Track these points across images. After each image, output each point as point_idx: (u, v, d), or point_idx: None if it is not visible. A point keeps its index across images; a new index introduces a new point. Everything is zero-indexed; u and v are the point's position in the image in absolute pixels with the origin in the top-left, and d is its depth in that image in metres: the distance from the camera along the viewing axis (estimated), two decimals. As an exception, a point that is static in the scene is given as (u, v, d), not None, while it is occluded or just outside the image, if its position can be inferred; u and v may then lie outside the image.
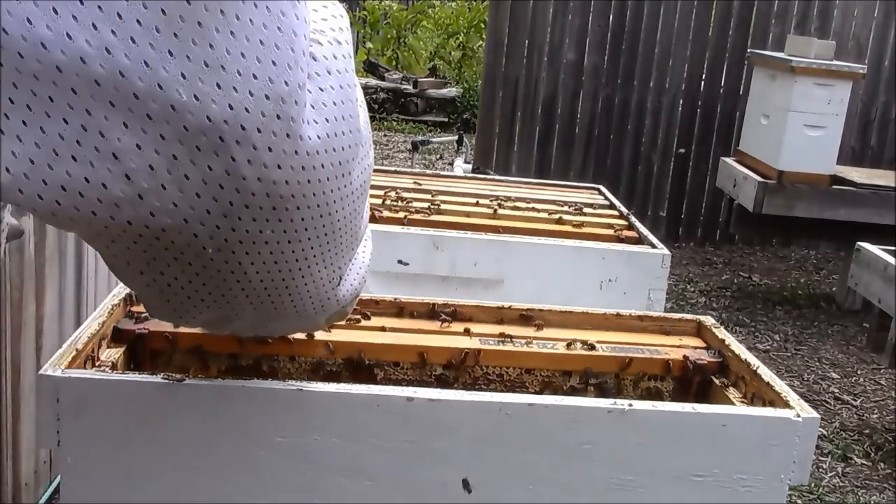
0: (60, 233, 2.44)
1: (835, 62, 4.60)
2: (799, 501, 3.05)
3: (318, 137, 0.63)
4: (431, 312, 1.33)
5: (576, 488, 1.05)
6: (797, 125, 4.55)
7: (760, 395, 1.17)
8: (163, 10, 0.51)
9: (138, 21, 0.50)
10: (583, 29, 5.76)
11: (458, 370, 1.23)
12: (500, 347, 1.25)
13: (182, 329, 1.18)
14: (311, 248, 0.70)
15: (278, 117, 0.58)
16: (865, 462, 3.38)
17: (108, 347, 1.15)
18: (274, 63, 0.56)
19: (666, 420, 1.04)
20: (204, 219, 0.59)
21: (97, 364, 1.10)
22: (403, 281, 1.78)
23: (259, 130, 0.57)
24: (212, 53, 0.53)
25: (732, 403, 1.18)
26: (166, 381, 0.98)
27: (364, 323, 1.28)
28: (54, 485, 2.50)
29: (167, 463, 1.00)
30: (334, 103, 0.65)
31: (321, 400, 1.00)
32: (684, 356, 1.27)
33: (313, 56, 0.64)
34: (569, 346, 1.26)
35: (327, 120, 0.64)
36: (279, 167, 0.60)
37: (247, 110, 0.56)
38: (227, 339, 1.19)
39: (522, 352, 1.24)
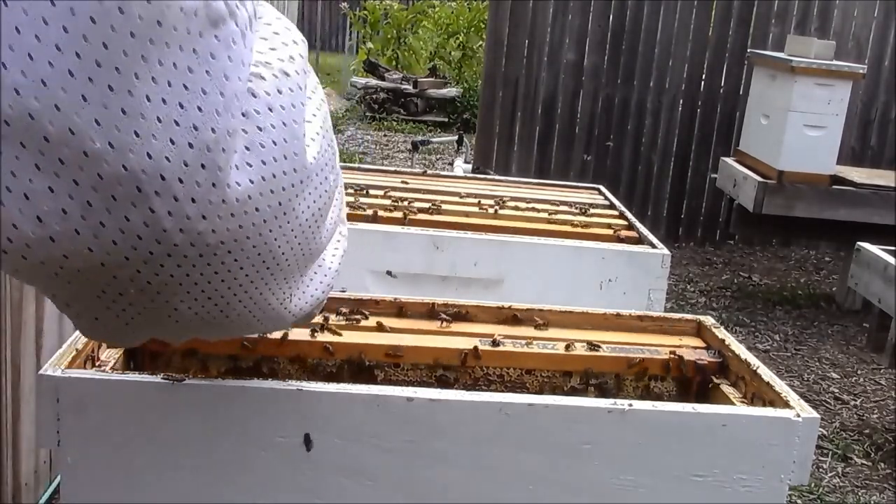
0: (60, 233, 2.43)
1: (835, 62, 4.60)
2: (799, 501, 3.05)
3: (252, 182, 0.60)
4: (431, 312, 1.33)
5: (576, 488, 1.05)
6: (797, 125, 4.55)
7: (760, 395, 1.17)
8: (77, 54, 0.48)
9: (50, 63, 0.48)
10: (583, 29, 5.76)
11: (459, 371, 1.23)
12: (500, 348, 1.24)
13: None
14: (251, 282, 0.69)
15: (203, 166, 0.55)
16: (865, 462, 3.38)
17: (108, 348, 1.15)
18: (200, 109, 0.54)
19: (666, 420, 1.04)
20: (123, 264, 0.57)
21: (97, 364, 1.10)
22: (403, 281, 1.78)
23: (181, 181, 0.54)
24: (130, 100, 0.50)
25: (732, 403, 1.18)
26: (166, 381, 0.98)
27: (364, 323, 1.28)
28: (54, 485, 2.50)
29: (167, 463, 1.00)
30: (274, 142, 0.62)
31: (321, 400, 1.00)
32: (678, 356, 1.27)
33: (253, 93, 0.61)
34: (569, 346, 1.26)
35: (264, 162, 0.61)
36: (204, 217, 0.57)
37: (167, 159, 0.53)
38: (227, 341, 1.19)
39: (523, 352, 1.24)
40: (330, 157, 0.74)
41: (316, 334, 1.22)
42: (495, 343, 1.25)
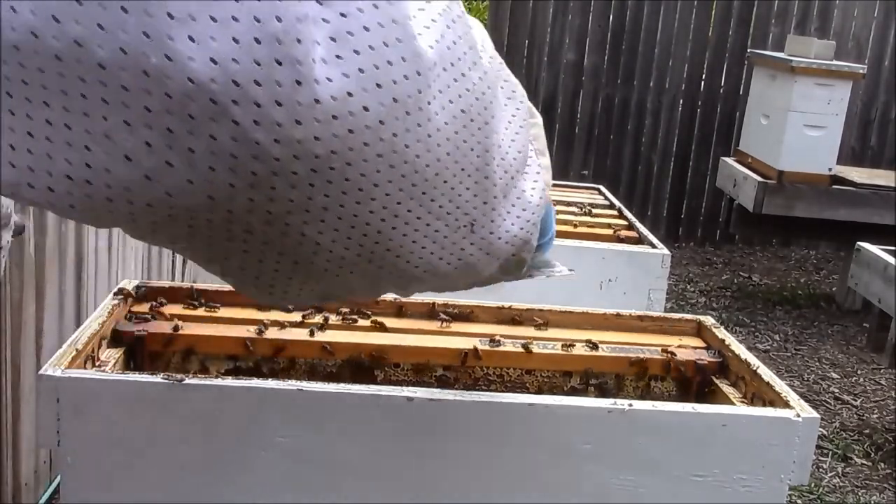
0: (60, 233, 2.44)
1: (835, 62, 4.60)
2: (799, 501, 3.05)
3: (346, 75, 0.50)
4: (431, 312, 1.33)
5: (576, 488, 1.05)
6: (797, 125, 4.55)
7: (760, 395, 1.17)
8: None
9: None
10: (583, 29, 5.76)
11: (459, 371, 1.23)
12: (501, 348, 1.24)
13: (182, 331, 1.19)
14: (398, 203, 0.58)
15: (278, 62, 0.47)
16: (865, 462, 3.38)
17: (108, 348, 1.15)
18: None
19: (666, 420, 1.04)
20: (231, 193, 0.50)
21: (97, 364, 1.10)
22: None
23: (257, 83, 0.47)
24: (173, 3, 0.44)
25: (732, 403, 1.18)
26: (166, 381, 0.98)
27: (363, 323, 1.28)
28: (54, 485, 2.50)
29: (167, 463, 0.99)
30: (366, 28, 0.51)
31: (321, 400, 1.00)
32: (676, 356, 1.27)
33: None
34: (568, 346, 1.26)
35: (357, 52, 0.51)
36: (298, 122, 0.49)
37: (235, 61, 0.46)
38: (227, 341, 1.19)
39: (523, 352, 1.24)
40: (466, 51, 0.61)
41: (316, 334, 1.22)
42: (495, 343, 1.25)
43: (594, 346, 1.27)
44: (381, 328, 1.27)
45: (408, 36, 0.53)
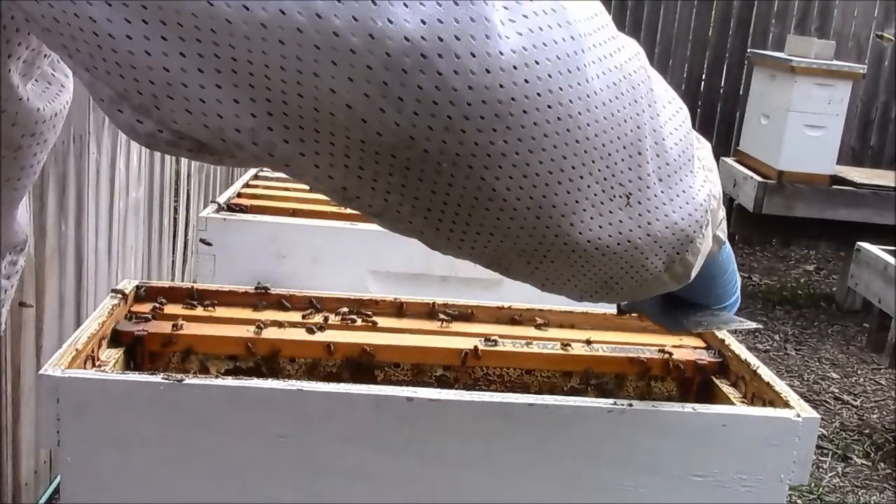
0: (60, 233, 2.44)
1: (835, 62, 4.60)
2: (799, 501, 3.05)
3: (520, 34, 0.60)
4: (431, 312, 1.34)
5: (576, 488, 1.05)
6: (797, 125, 4.55)
7: (760, 395, 1.17)
8: None
9: None
10: (583, 29, 5.75)
11: (459, 371, 1.23)
12: (500, 348, 1.24)
13: (181, 331, 1.19)
14: (563, 157, 0.65)
15: (472, 20, 0.56)
16: (865, 462, 3.39)
17: (108, 348, 1.15)
18: None
19: (666, 420, 1.04)
20: (429, 135, 0.59)
21: (97, 364, 1.10)
22: (403, 281, 1.78)
23: (457, 38, 0.56)
24: None
25: (732, 403, 1.18)
26: (166, 381, 0.98)
27: (362, 322, 1.28)
28: (54, 485, 2.50)
29: (167, 463, 1.00)
30: (535, 13, 0.61)
31: (321, 400, 1.00)
32: (674, 357, 1.27)
33: None
34: (566, 346, 1.26)
35: (525, 16, 0.61)
36: (487, 71, 0.58)
37: (439, 21, 0.55)
38: (227, 341, 1.19)
39: (523, 352, 1.24)
40: (620, 49, 0.71)
41: (315, 334, 1.22)
42: (495, 343, 1.25)
43: (594, 346, 1.27)
44: (381, 329, 1.28)
45: (562, 6, 0.64)
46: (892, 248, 3.44)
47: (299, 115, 0.58)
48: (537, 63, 0.61)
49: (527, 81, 0.60)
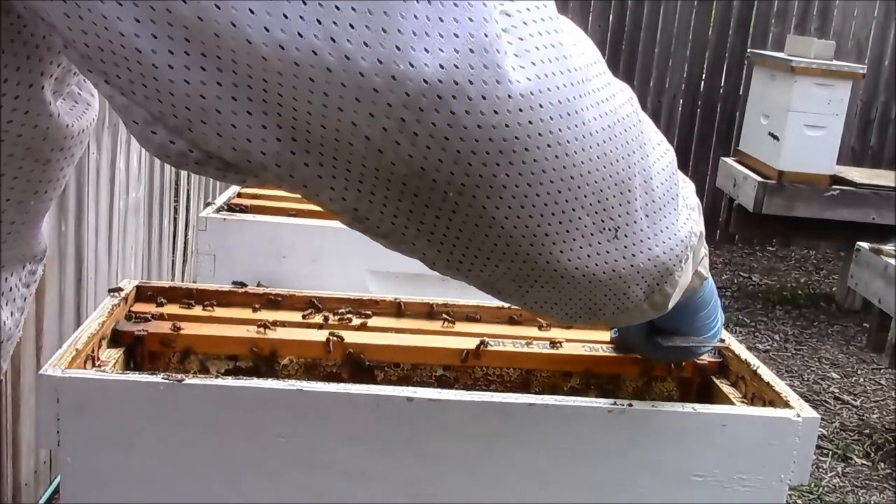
0: (60, 233, 2.44)
1: (835, 62, 4.60)
2: (799, 501, 3.05)
3: (528, 80, 0.67)
4: (431, 312, 1.33)
5: (576, 488, 1.05)
6: (797, 125, 4.55)
7: (760, 395, 1.17)
8: (374, 1, 0.58)
9: (353, 8, 0.58)
10: (583, 29, 5.75)
11: (459, 371, 1.23)
12: (500, 348, 1.24)
13: (181, 331, 1.19)
14: (559, 191, 0.73)
15: (485, 66, 0.63)
16: (865, 462, 3.39)
17: (108, 348, 1.15)
18: (470, 19, 0.62)
19: (666, 420, 1.04)
20: (438, 166, 0.66)
21: (97, 364, 1.10)
22: (403, 281, 1.78)
23: (471, 82, 0.63)
24: (417, 23, 0.60)
25: (732, 403, 1.18)
26: (166, 381, 0.98)
27: (360, 322, 1.28)
28: (54, 485, 2.51)
29: (167, 463, 1.00)
30: (536, 48, 0.69)
31: (321, 400, 1.00)
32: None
33: (505, 12, 0.68)
34: (557, 345, 1.26)
35: (534, 63, 0.68)
36: (496, 112, 0.65)
37: (456, 66, 0.62)
38: (227, 341, 1.19)
39: (523, 352, 1.24)
40: (615, 94, 0.79)
41: (315, 334, 1.22)
42: (495, 343, 1.25)
43: (594, 346, 1.27)
44: (381, 329, 1.28)
45: (567, 55, 0.72)
46: (893, 248, 3.44)
47: (321, 143, 0.63)
48: (541, 106, 0.68)
49: (530, 122, 0.67)
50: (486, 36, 0.63)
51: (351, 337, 1.22)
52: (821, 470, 3.26)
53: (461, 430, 1.02)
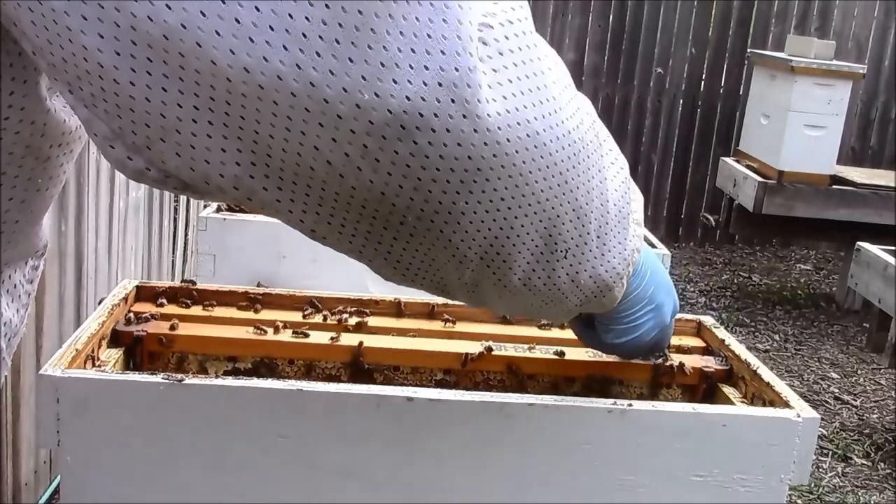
0: (60, 233, 2.44)
1: (835, 62, 4.60)
2: (799, 501, 3.05)
3: (499, 114, 0.68)
4: (431, 313, 1.33)
5: (576, 488, 1.05)
6: (797, 125, 4.55)
7: (760, 395, 1.17)
8: (340, 24, 0.58)
9: (320, 37, 0.58)
10: (583, 29, 5.76)
11: (459, 375, 1.23)
12: (502, 353, 1.24)
13: (181, 332, 1.19)
14: (516, 217, 0.75)
15: (453, 101, 0.64)
16: (865, 462, 3.39)
17: (108, 348, 1.15)
18: (443, 52, 0.62)
19: (666, 420, 1.04)
20: (399, 192, 0.67)
21: (97, 364, 1.10)
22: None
23: (436, 115, 0.63)
24: (386, 54, 0.60)
25: (732, 403, 1.18)
26: (166, 381, 0.98)
27: (361, 323, 1.28)
28: (54, 485, 2.50)
29: (167, 463, 1.00)
30: (510, 80, 0.70)
31: (321, 400, 1.00)
32: (677, 365, 1.27)
33: (483, 41, 0.68)
34: (560, 354, 1.26)
35: (506, 97, 0.69)
36: (459, 144, 0.66)
37: (423, 99, 0.62)
38: (227, 342, 1.19)
39: (525, 357, 1.24)
40: (582, 121, 0.80)
41: (314, 334, 1.22)
42: (496, 347, 1.25)
43: (598, 352, 1.27)
44: (380, 330, 1.27)
45: (540, 86, 0.73)
46: (893, 248, 3.44)
47: (281, 167, 0.64)
48: (508, 140, 0.69)
49: (495, 156, 0.69)
50: (456, 70, 0.63)
51: (350, 339, 1.22)
52: (821, 470, 3.26)
53: (461, 430, 1.02)
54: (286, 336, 1.21)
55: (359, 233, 0.72)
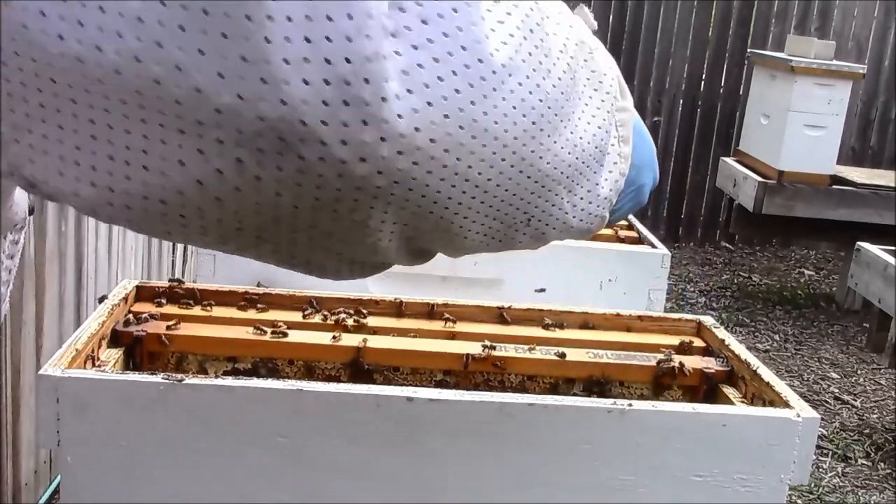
0: (60, 233, 2.44)
1: (835, 62, 4.60)
2: (799, 501, 3.05)
3: (416, 111, 0.51)
4: (431, 313, 1.33)
5: (576, 488, 1.05)
6: (797, 125, 4.55)
7: (760, 395, 1.17)
8: (182, 7, 0.46)
9: (160, 22, 0.46)
10: (583, 29, 5.74)
11: (459, 376, 1.23)
12: (502, 353, 1.24)
13: (180, 332, 1.19)
14: (455, 213, 0.59)
15: (345, 103, 0.49)
16: (865, 462, 3.38)
17: (108, 348, 1.15)
18: (328, 39, 0.48)
19: (666, 420, 1.04)
20: (294, 213, 0.53)
21: (97, 364, 1.10)
22: (403, 281, 1.78)
23: (324, 123, 0.48)
24: (248, 45, 0.46)
25: (732, 403, 1.18)
26: (166, 380, 0.98)
27: (361, 323, 1.28)
28: (54, 485, 2.50)
29: (167, 463, 1.00)
30: (436, 59, 0.52)
31: (321, 400, 1.00)
32: (678, 366, 1.26)
33: (401, 8, 0.51)
34: (561, 355, 1.26)
35: (427, 85, 0.52)
36: (363, 160, 0.50)
37: (304, 102, 0.48)
38: (226, 342, 1.19)
39: (525, 358, 1.24)
40: (542, 61, 0.61)
41: (313, 335, 1.22)
42: (497, 348, 1.25)
43: (598, 353, 1.27)
44: (380, 330, 1.27)
45: (483, 58, 0.55)
46: (892, 248, 3.44)
47: (143, 182, 0.51)
48: (433, 141, 0.53)
49: (416, 163, 0.53)
50: (347, 62, 0.48)
51: (351, 339, 1.22)
52: (821, 470, 3.26)
53: (461, 430, 1.02)
54: (287, 336, 1.21)
55: (263, 253, 0.59)
